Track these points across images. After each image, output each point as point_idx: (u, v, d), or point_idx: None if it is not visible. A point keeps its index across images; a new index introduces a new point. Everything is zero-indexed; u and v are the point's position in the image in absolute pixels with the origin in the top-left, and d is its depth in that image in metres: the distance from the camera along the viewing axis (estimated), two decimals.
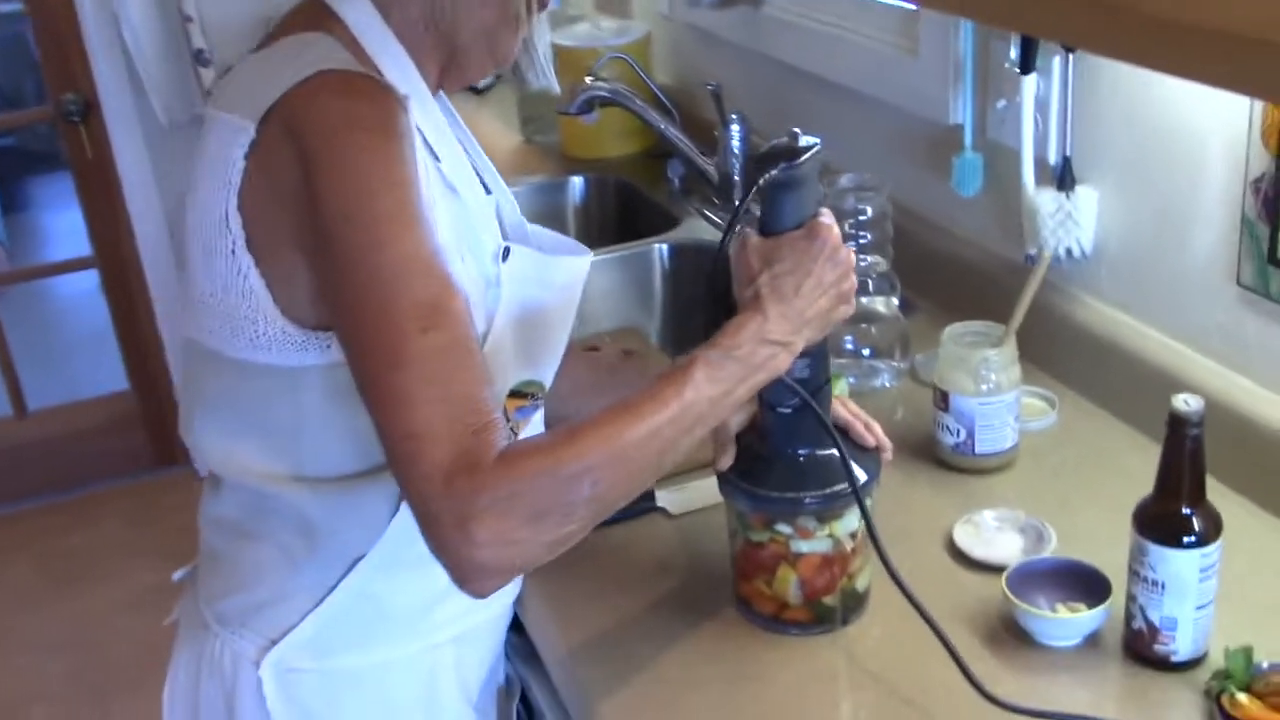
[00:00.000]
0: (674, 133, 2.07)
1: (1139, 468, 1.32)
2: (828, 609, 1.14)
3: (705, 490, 1.34)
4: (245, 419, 1.06)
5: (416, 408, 0.90)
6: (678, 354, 1.63)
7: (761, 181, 1.02)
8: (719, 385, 0.99)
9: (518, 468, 0.89)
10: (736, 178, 2.02)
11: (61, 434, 3.48)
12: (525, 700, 1.30)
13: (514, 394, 1.15)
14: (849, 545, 1.13)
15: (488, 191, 1.19)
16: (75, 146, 3.23)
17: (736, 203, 1.07)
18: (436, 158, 1.07)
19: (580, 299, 1.23)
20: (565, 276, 1.20)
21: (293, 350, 1.01)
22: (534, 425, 1.18)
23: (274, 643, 1.10)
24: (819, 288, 1.03)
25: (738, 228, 1.06)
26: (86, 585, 3.13)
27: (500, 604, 1.21)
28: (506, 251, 1.12)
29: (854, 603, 1.15)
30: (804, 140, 1.05)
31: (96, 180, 3.26)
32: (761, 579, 1.14)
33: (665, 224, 2.13)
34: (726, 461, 1.12)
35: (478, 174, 1.18)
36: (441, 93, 1.16)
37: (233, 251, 1.00)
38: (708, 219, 2.09)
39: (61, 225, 5.38)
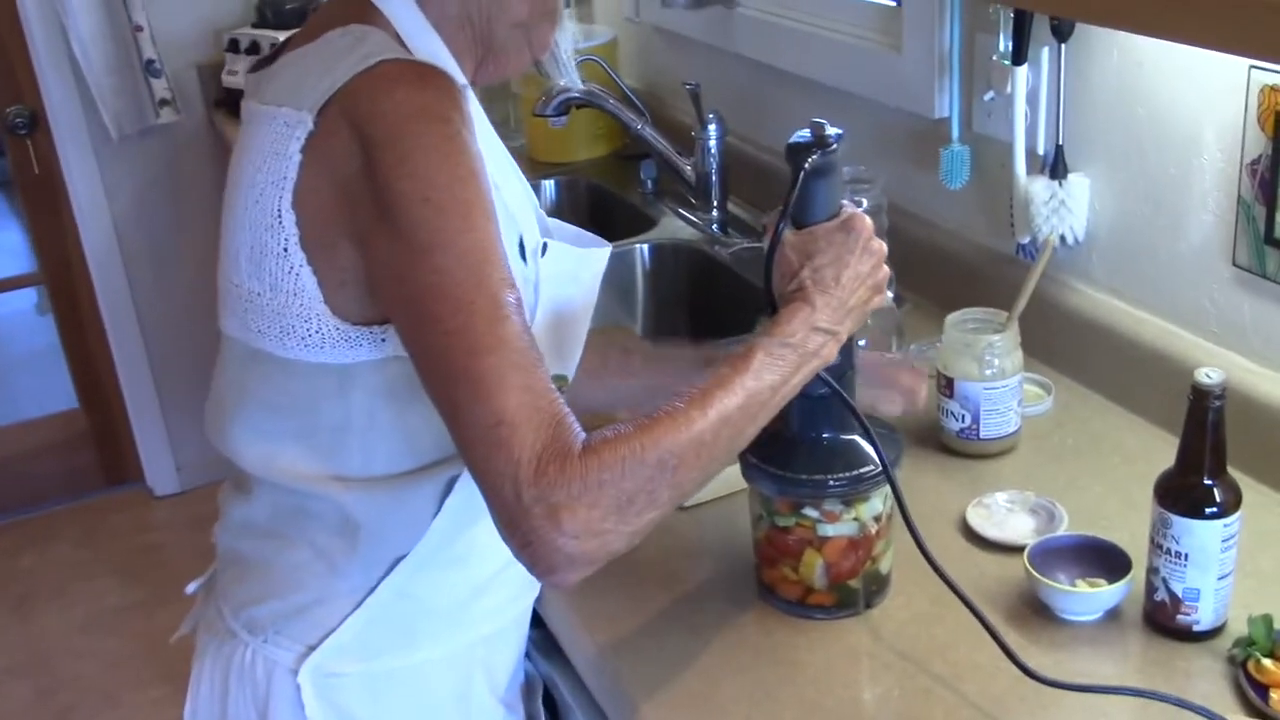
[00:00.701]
0: (650, 133, 2.08)
1: (1137, 449, 1.36)
2: (852, 592, 1.15)
3: (722, 477, 1.34)
4: (290, 419, 1.04)
5: (508, 393, 0.88)
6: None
7: (807, 166, 1.03)
8: (778, 372, 0.99)
9: (605, 456, 0.88)
10: (714, 177, 2.04)
11: (10, 454, 3.40)
12: (548, 697, 1.30)
13: None
14: (874, 528, 1.14)
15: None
16: (21, 161, 3.16)
17: (786, 194, 1.07)
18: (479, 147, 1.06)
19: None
20: (592, 271, 1.20)
21: (345, 347, 0.99)
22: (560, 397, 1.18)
23: (312, 648, 1.08)
24: (857, 278, 1.05)
25: (779, 223, 1.06)
26: (42, 607, 3.06)
27: (528, 599, 1.21)
28: (544, 247, 1.11)
29: (877, 585, 1.17)
30: (829, 130, 1.06)
31: (43, 195, 3.19)
32: (787, 564, 1.15)
33: (640, 225, 2.13)
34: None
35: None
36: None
37: (285, 250, 0.97)
38: (684, 219, 2.10)
39: None
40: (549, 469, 0.86)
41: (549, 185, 2.38)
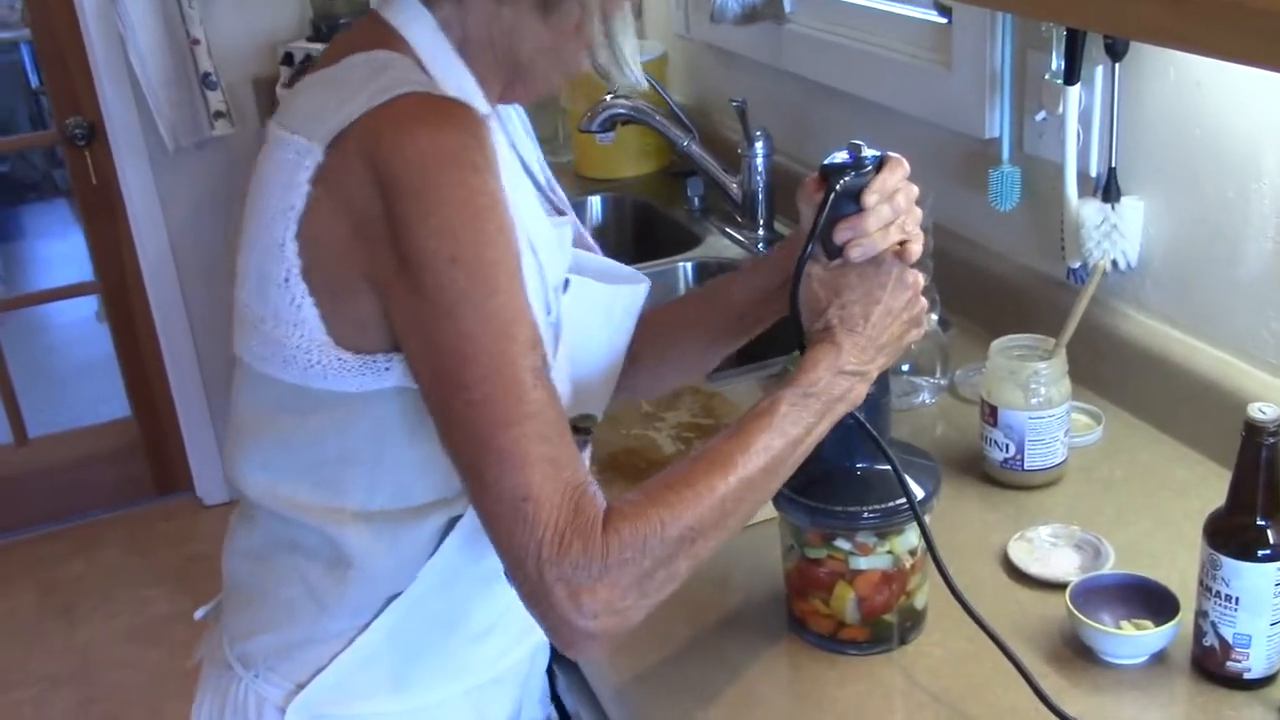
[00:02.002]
0: (697, 150, 2.06)
1: (1190, 482, 1.31)
2: (886, 627, 1.11)
3: None
4: (298, 449, 1.01)
5: (532, 467, 0.86)
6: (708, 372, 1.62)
7: (839, 186, 1.00)
8: (801, 424, 0.96)
9: (626, 535, 0.87)
10: (761, 195, 2.01)
11: (62, 462, 3.44)
12: (561, 709, 1.27)
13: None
14: (908, 562, 1.10)
15: (561, 211, 1.13)
16: (79, 171, 3.20)
17: (812, 217, 1.03)
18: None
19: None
20: (622, 307, 1.15)
21: (350, 376, 0.96)
22: (582, 461, 1.13)
23: (301, 687, 1.05)
24: (889, 314, 1.01)
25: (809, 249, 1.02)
26: (89, 615, 3.08)
27: (526, 646, 1.16)
28: (566, 283, 1.06)
29: (912, 621, 1.13)
30: (866, 152, 1.02)
31: (100, 205, 3.23)
32: (818, 597, 1.11)
33: (686, 243, 2.11)
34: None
35: (547, 193, 1.13)
36: (500, 107, 1.10)
37: (286, 280, 0.94)
38: (730, 237, 2.07)
39: (54, 253, 5.35)
40: (572, 547, 0.85)
41: (595, 201, 2.36)
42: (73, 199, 3.54)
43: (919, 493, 1.06)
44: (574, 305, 1.07)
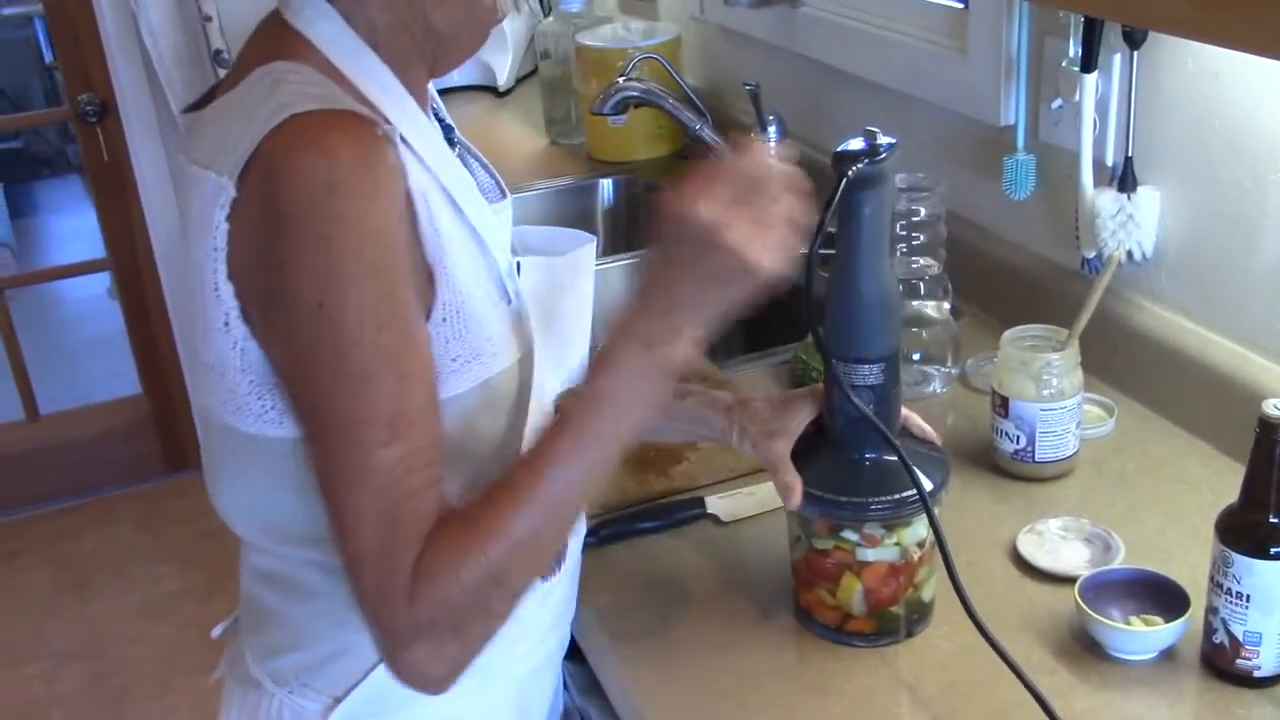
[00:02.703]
0: (709, 134, 2.04)
1: (1201, 476, 1.30)
2: (893, 619, 1.11)
3: (756, 496, 1.31)
4: (270, 490, 0.97)
5: (363, 528, 0.86)
6: (718, 359, 1.61)
7: (851, 173, 0.99)
8: (600, 432, 0.90)
9: (425, 596, 0.86)
10: None
11: (74, 438, 3.45)
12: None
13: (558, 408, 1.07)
14: (916, 554, 1.09)
15: (503, 195, 1.10)
16: (91, 148, 3.20)
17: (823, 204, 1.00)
18: (435, 176, 0.96)
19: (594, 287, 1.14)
20: (577, 273, 1.12)
21: None
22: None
23: (338, 701, 1.02)
24: (680, 276, 0.89)
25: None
26: (100, 590, 3.10)
27: (561, 633, 1.16)
28: (518, 266, 1.04)
29: (919, 614, 1.12)
30: (882, 139, 1.01)
31: (112, 182, 3.23)
32: (824, 588, 1.11)
33: None
34: (794, 500, 1.07)
35: (492, 174, 1.11)
36: (436, 99, 1.08)
37: (226, 324, 0.90)
38: None
39: (67, 229, 5.36)
40: (381, 613, 0.88)
41: (606, 184, 2.35)
42: (85, 175, 3.54)
43: (928, 484, 1.06)
44: (532, 285, 1.04)
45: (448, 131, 1.07)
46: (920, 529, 1.08)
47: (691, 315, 0.91)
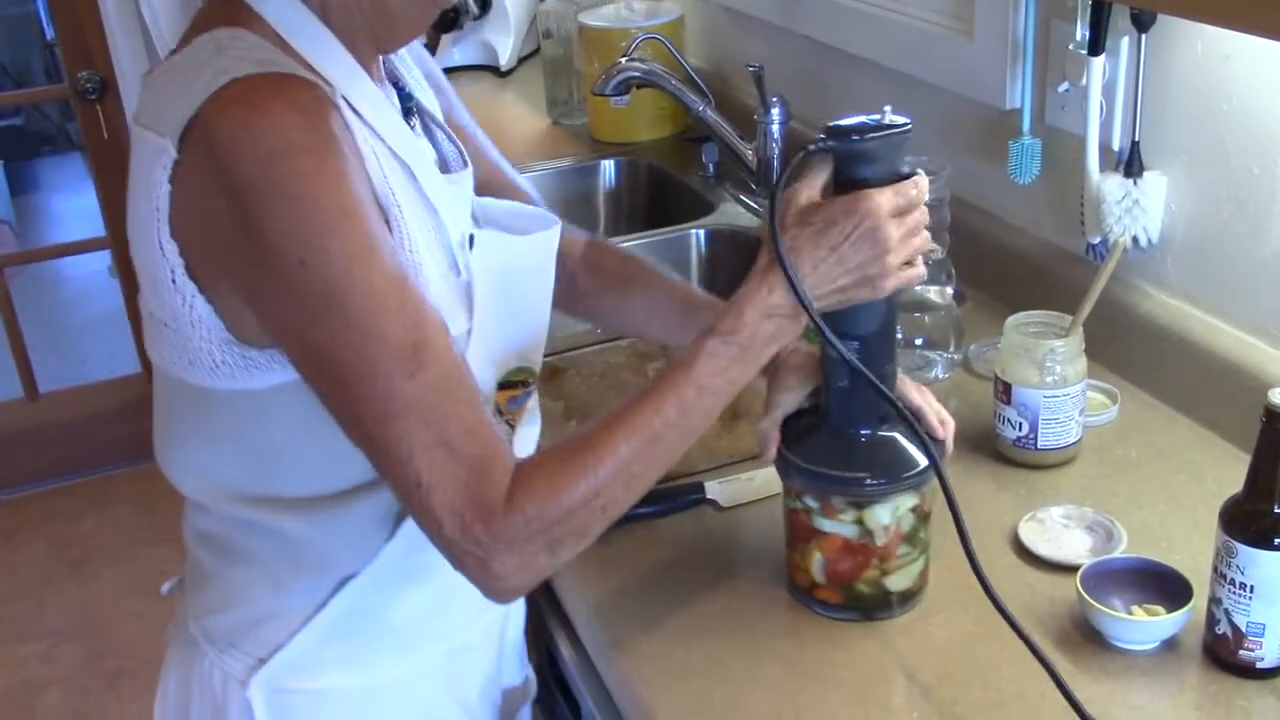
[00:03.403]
0: (712, 115, 2.02)
1: (1205, 465, 1.29)
2: (857, 597, 1.10)
3: (756, 482, 1.30)
4: (219, 446, 0.99)
5: (417, 456, 0.87)
6: None
7: (813, 146, 0.98)
8: (722, 374, 0.95)
9: (529, 511, 0.88)
10: (776, 163, 1.98)
11: (73, 417, 3.44)
12: (566, 691, 1.26)
13: (504, 385, 1.08)
14: (880, 539, 1.08)
15: (465, 165, 1.10)
16: (91, 125, 3.18)
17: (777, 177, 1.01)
18: (384, 141, 0.97)
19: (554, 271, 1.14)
20: (536, 255, 1.11)
21: (254, 373, 0.93)
22: (530, 413, 1.12)
23: (263, 662, 1.05)
24: (840, 264, 0.97)
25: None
26: (98, 570, 3.09)
27: (495, 613, 1.17)
28: (472, 239, 1.04)
29: (883, 602, 1.11)
30: (889, 118, 1.00)
31: (112, 159, 3.21)
32: (799, 550, 1.12)
33: (699, 209, 2.08)
34: (770, 453, 1.10)
35: (455, 148, 1.11)
36: (409, 62, 1.08)
37: (173, 280, 0.91)
38: (744, 204, 2.04)
39: (68, 207, 5.34)
40: (474, 527, 0.88)
41: (608, 165, 2.33)
42: (86, 153, 3.52)
43: (919, 461, 1.05)
44: (486, 260, 1.04)
45: (407, 100, 1.07)
46: (885, 515, 1.07)
47: (818, 296, 0.97)
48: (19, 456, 3.40)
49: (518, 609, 1.24)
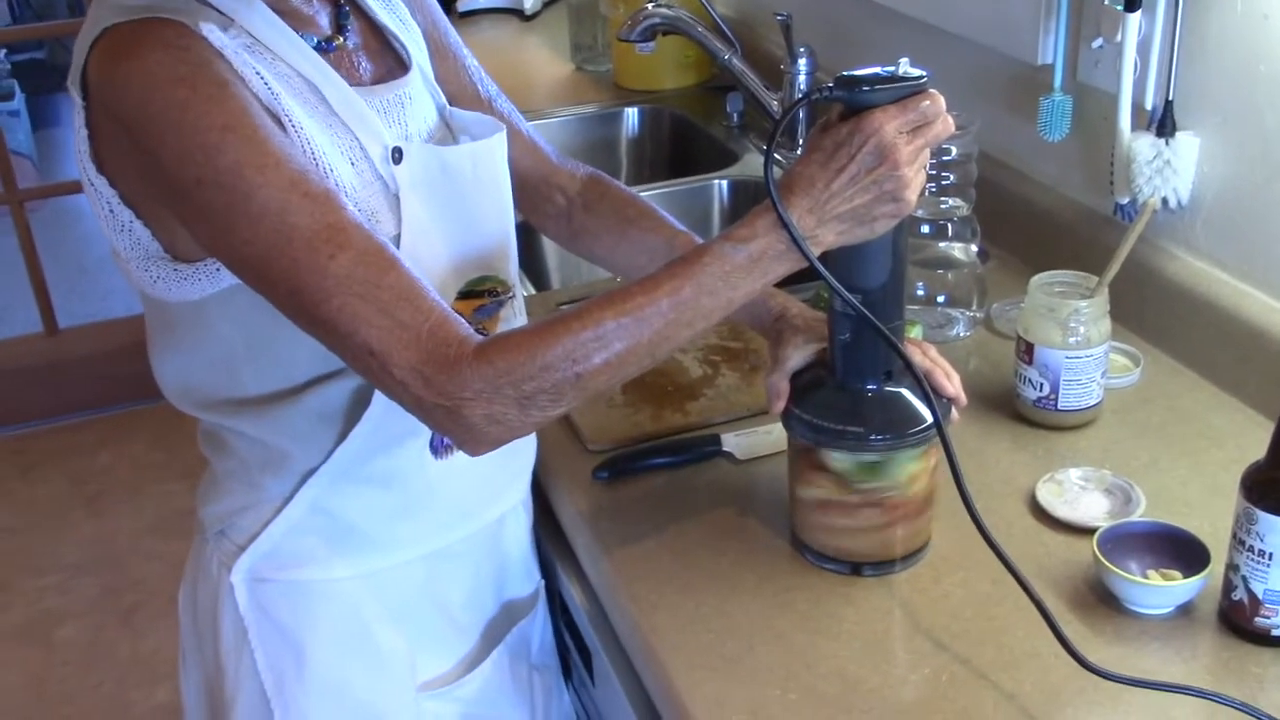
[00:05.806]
0: (738, 64, 2.00)
1: (1227, 431, 1.28)
2: (838, 548, 1.12)
3: (773, 436, 1.29)
4: (185, 353, 1.07)
5: (362, 329, 0.90)
6: None
7: (813, 96, 0.97)
8: (725, 279, 0.95)
9: (498, 362, 0.90)
10: (802, 114, 1.96)
11: (91, 352, 3.46)
12: (579, 641, 1.27)
13: (468, 295, 1.11)
14: (852, 496, 1.08)
15: (406, 69, 1.12)
16: None
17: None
18: (286, 61, 1.01)
19: (509, 174, 1.15)
20: (479, 164, 1.11)
21: (192, 284, 1.01)
22: (506, 322, 1.15)
23: (242, 549, 1.13)
24: (854, 181, 0.95)
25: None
26: (115, 505, 3.12)
27: (477, 522, 1.21)
28: (398, 154, 1.05)
29: (868, 558, 1.11)
30: (904, 69, 0.98)
31: None
32: (796, 487, 1.13)
33: (722, 159, 2.06)
34: (778, 406, 1.11)
35: (396, 54, 1.13)
36: None
37: (111, 210, 0.99)
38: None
39: None
40: (436, 379, 0.90)
41: (632, 113, 2.31)
42: None
43: (928, 418, 1.05)
44: (416, 169, 1.05)
45: (344, 17, 1.10)
46: (889, 470, 1.07)
47: (842, 226, 0.97)
48: (38, 391, 3.42)
49: (516, 526, 1.27)
